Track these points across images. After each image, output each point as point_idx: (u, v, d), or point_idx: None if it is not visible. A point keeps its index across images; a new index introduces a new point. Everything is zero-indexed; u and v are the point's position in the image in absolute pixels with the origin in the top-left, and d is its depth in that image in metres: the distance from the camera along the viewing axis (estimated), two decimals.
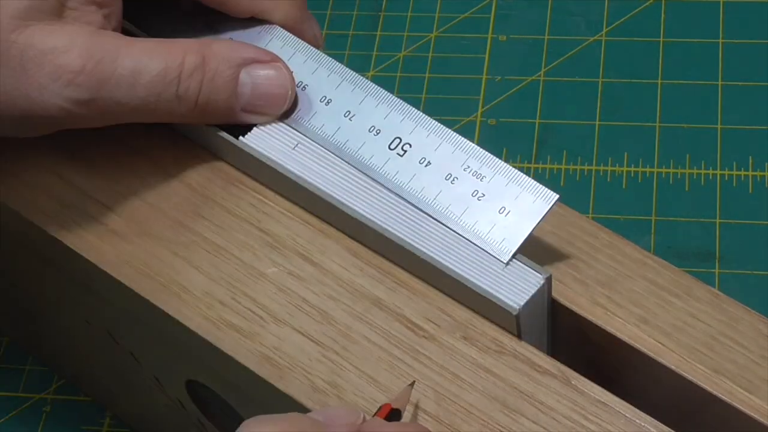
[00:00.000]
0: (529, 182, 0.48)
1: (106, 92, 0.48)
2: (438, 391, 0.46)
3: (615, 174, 0.70)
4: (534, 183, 0.48)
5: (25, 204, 0.52)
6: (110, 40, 0.49)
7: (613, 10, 0.76)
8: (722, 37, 0.74)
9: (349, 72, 0.51)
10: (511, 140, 0.72)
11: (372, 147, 0.50)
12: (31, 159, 0.52)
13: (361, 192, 0.49)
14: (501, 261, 0.47)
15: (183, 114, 0.50)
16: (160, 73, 0.49)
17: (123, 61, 0.48)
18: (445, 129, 0.50)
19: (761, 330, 0.47)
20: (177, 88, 0.49)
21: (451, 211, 0.48)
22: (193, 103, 0.49)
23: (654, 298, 0.48)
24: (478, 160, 0.49)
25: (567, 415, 0.45)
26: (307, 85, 0.51)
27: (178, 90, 0.49)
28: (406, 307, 0.48)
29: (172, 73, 0.49)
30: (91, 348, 0.61)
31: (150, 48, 0.49)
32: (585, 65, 0.74)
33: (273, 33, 0.53)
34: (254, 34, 0.53)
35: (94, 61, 0.48)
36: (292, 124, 0.51)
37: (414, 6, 0.78)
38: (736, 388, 0.46)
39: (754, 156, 0.69)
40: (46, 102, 0.48)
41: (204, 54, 0.49)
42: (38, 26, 0.48)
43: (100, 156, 0.52)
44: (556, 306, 0.48)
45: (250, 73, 0.50)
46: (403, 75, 0.75)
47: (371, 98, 0.51)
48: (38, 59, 0.48)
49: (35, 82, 0.48)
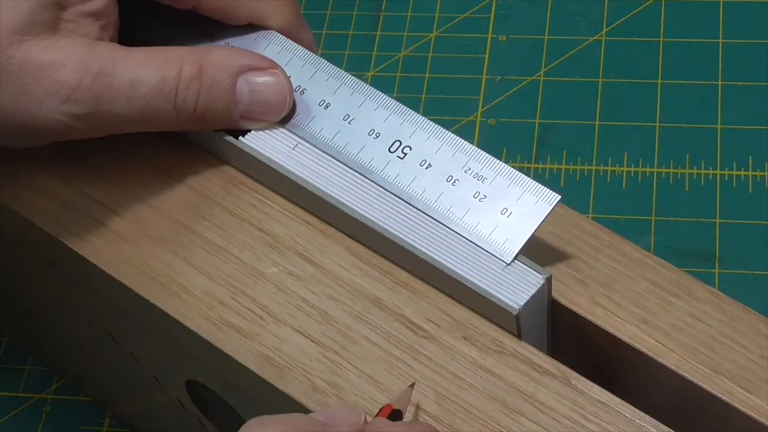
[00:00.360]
0: (530, 183, 0.48)
1: (104, 106, 0.48)
2: (438, 391, 0.46)
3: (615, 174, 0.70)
4: (536, 184, 0.48)
5: (26, 205, 0.52)
6: (106, 51, 0.49)
7: (613, 10, 0.76)
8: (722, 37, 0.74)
9: (348, 76, 0.51)
10: (511, 140, 0.72)
11: (372, 150, 0.50)
12: (32, 161, 0.52)
13: (361, 192, 0.49)
14: (504, 261, 0.47)
15: (181, 123, 0.50)
16: (157, 84, 0.49)
17: (120, 73, 0.48)
18: (445, 132, 0.50)
19: (761, 330, 0.47)
20: (175, 99, 0.49)
21: (453, 213, 0.48)
22: (191, 112, 0.49)
23: (654, 298, 0.48)
24: (479, 162, 0.49)
25: (567, 415, 0.45)
26: (305, 90, 0.51)
27: (176, 101, 0.49)
28: (406, 307, 0.48)
29: (170, 83, 0.49)
30: (92, 348, 0.61)
31: (146, 58, 0.49)
32: (585, 65, 0.74)
33: (270, 38, 0.53)
34: (251, 40, 0.53)
35: (90, 75, 0.48)
36: (291, 128, 0.51)
37: (414, 6, 0.78)
38: (736, 388, 0.46)
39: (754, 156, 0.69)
40: (44, 117, 0.48)
41: (201, 63, 0.49)
42: (35, 41, 0.48)
43: (101, 158, 0.52)
44: (556, 306, 0.48)
45: (247, 81, 0.50)
46: (403, 75, 0.75)
47: (370, 102, 0.51)
48: (35, 74, 0.48)
49: (33, 97, 0.48)
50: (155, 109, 0.49)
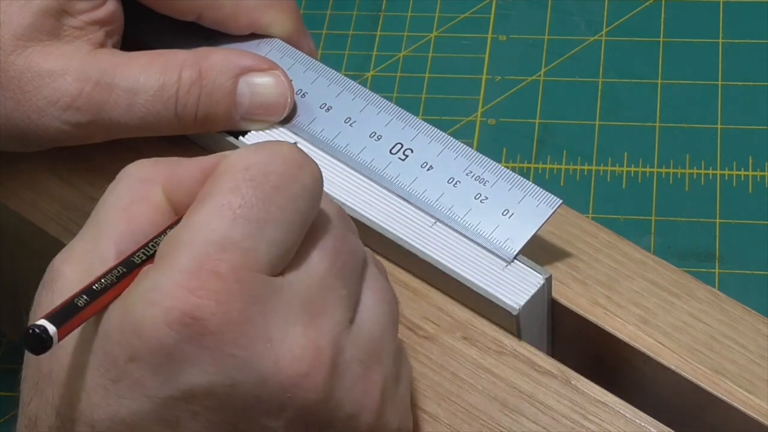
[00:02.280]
0: (532, 187, 0.48)
1: (105, 114, 0.48)
2: (438, 391, 0.46)
3: (615, 174, 0.69)
4: (537, 188, 0.48)
5: (26, 205, 0.52)
6: (107, 59, 0.49)
7: (613, 10, 0.76)
8: (722, 37, 0.74)
9: (350, 82, 0.52)
10: (511, 140, 0.72)
11: (373, 151, 0.50)
12: (32, 161, 0.52)
13: (361, 192, 0.49)
14: (504, 260, 0.47)
15: (183, 128, 0.50)
16: (157, 91, 0.49)
17: (120, 82, 0.48)
18: (447, 136, 0.50)
19: (761, 330, 0.47)
20: (175, 106, 0.49)
21: (454, 212, 0.48)
22: (192, 118, 0.49)
23: (654, 298, 0.48)
24: (481, 165, 0.49)
25: (567, 415, 0.45)
26: (307, 93, 0.51)
27: (177, 107, 0.49)
28: (406, 307, 0.48)
29: (170, 90, 0.49)
30: None
31: (146, 65, 0.49)
32: (585, 65, 0.74)
33: (272, 44, 0.53)
34: (253, 46, 0.53)
35: (90, 84, 0.48)
36: (292, 129, 0.51)
37: (414, 6, 0.78)
38: (736, 388, 0.46)
39: (754, 156, 0.69)
40: (45, 124, 0.48)
41: (201, 67, 0.49)
42: (36, 47, 0.48)
43: (101, 157, 0.52)
44: (556, 306, 0.48)
45: (248, 82, 0.50)
46: (403, 75, 0.75)
47: (372, 106, 0.51)
48: (36, 82, 0.48)
49: (34, 105, 0.48)
50: (156, 116, 0.49)
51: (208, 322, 0.37)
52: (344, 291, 0.40)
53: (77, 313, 0.37)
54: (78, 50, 0.49)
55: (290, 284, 0.39)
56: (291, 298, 0.39)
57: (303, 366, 0.38)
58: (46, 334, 0.36)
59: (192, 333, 0.37)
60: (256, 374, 0.38)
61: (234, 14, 0.52)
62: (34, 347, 0.36)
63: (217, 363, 0.37)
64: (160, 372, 0.37)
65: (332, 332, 0.39)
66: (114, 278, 0.39)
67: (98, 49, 0.49)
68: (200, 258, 0.38)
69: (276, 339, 0.38)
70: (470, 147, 0.50)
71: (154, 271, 0.38)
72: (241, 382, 0.38)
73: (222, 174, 0.40)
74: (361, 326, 0.41)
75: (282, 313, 0.39)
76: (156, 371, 0.37)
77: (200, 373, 0.37)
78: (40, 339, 0.36)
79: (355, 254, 0.42)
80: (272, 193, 0.39)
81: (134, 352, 0.37)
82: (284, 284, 0.39)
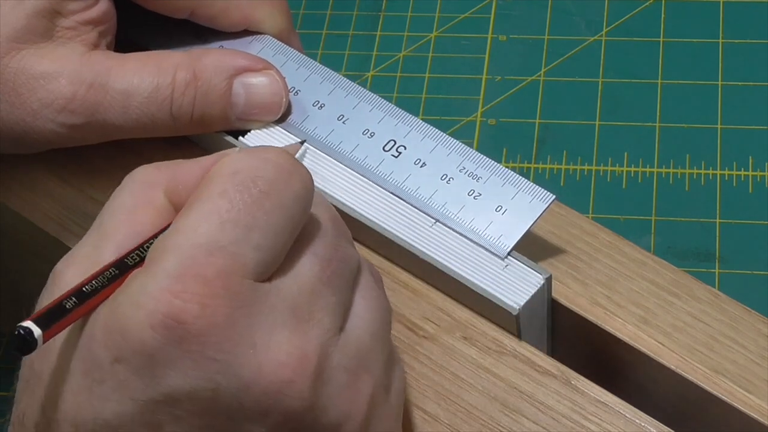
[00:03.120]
0: (525, 183, 0.48)
1: (99, 116, 0.48)
2: (438, 391, 0.46)
3: (615, 174, 0.69)
4: (530, 184, 0.48)
5: (26, 205, 0.52)
6: (101, 61, 0.49)
7: (613, 10, 0.76)
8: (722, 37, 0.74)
9: (343, 79, 0.52)
10: (511, 140, 0.72)
11: (366, 148, 0.50)
12: (32, 161, 0.52)
13: (360, 191, 0.49)
14: (498, 256, 0.47)
15: (179, 129, 0.50)
16: (151, 93, 0.49)
17: (114, 84, 0.48)
18: (440, 133, 0.50)
19: (761, 330, 0.47)
20: (170, 107, 0.49)
21: (447, 209, 0.48)
22: (187, 119, 0.49)
23: (654, 298, 0.48)
24: (474, 162, 0.49)
25: (567, 415, 0.45)
26: (300, 91, 0.52)
27: (172, 109, 0.49)
28: (406, 307, 0.48)
29: (164, 92, 0.49)
30: None
31: (140, 67, 0.49)
32: (585, 65, 0.74)
33: (264, 42, 0.53)
34: (245, 44, 0.53)
35: (84, 87, 0.48)
36: (285, 127, 0.51)
37: (414, 6, 0.78)
38: (736, 388, 0.46)
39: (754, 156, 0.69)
40: (40, 127, 0.48)
41: (195, 68, 0.49)
42: (30, 50, 0.48)
43: (101, 158, 0.52)
44: (556, 306, 0.48)
45: (243, 82, 0.50)
46: (403, 75, 0.75)
47: (365, 104, 0.51)
48: (30, 85, 0.48)
49: (29, 107, 0.48)
50: (151, 117, 0.49)
51: (191, 326, 0.37)
52: (333, 298, 0.40)
53: (65, 315, 0.37)
54: (72, 52, 0.49)
55: (277, 290, 0.39)
56: (278, 303, 0.39)
57: (287, 372, 0.38)
58: (31, 336, 0.36)
59: (175, 336, 0.37)
60: (238, 379, 0.38)
61: (226, 10, 0.52)
62: (19, 348, 0.37)
63: (200, 367, 0.37)
64: (144, 374, 0.37)
65: (319, 339, 0.39)
66: (105, 280, 0.39)
67: (92, 50, 0.49)
68: (187, 262, 0.38)
69: (260, 344, 0.38)
70: (470, 147, 0.50)
71: (143, 274, 0.38)
72: (224, 386, 0.38)
73: (211, 179, 0.40)
74: (350, 334, 0.41)
75: (268, 319, 0.38)
76: (139, 373, 0.37)
77: (183, 377, 0.37)
78: (24, 340, 0.36)
79: (346, 261, 0.41)
80: (260, 199, 0.39)
81: (119, 354, 0.37)
82: (271, 290, 0.39)
